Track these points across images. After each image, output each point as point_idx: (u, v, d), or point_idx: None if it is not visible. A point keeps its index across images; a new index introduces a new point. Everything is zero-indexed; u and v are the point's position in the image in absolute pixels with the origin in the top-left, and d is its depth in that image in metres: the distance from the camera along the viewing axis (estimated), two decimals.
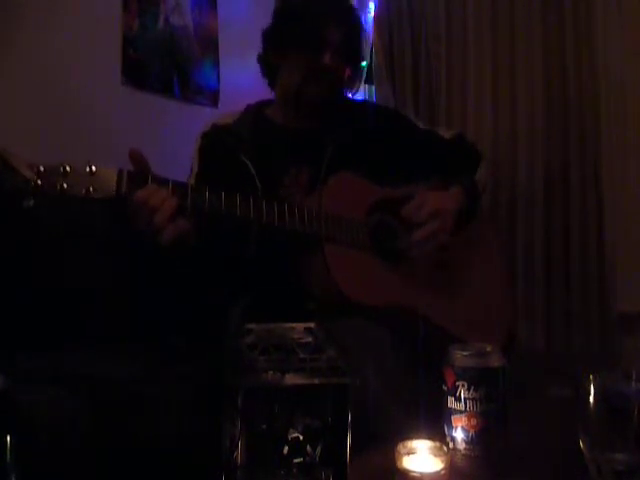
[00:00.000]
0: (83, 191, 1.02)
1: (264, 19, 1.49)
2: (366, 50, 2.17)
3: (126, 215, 1.10)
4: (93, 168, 1.03)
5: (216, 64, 2.17)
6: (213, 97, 2.16)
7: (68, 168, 1.01)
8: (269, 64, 1.49)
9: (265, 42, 1.49)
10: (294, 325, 0.73)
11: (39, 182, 0.98)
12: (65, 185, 1.00)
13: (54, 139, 1.60)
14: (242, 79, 2.17)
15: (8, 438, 0.72)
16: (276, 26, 1.48)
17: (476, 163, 1.55)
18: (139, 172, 1.08)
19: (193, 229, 1.15)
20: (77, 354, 1.19)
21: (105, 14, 1.82)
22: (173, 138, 1.86)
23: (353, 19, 1.50)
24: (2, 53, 1.59)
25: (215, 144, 1.43)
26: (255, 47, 1.50)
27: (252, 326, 0.73)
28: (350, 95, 1.60)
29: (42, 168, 0.99)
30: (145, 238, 1.12)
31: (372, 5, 2.45)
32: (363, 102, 2.00)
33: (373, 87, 2.46)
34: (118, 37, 1.84)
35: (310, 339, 0.72)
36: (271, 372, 0.66)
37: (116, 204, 1.09)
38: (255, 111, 1.50)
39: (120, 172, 1.06)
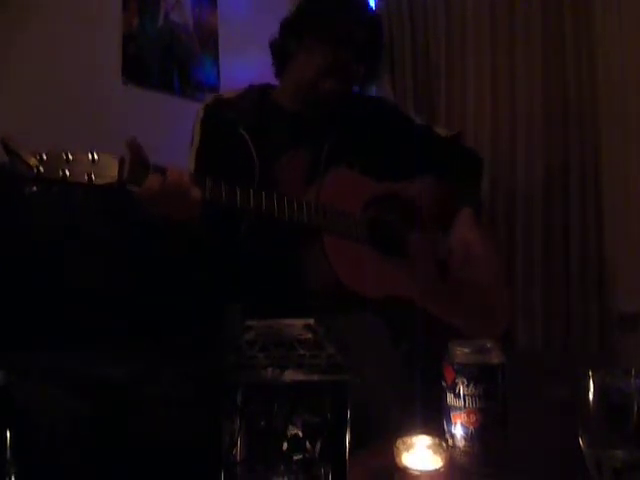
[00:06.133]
0: (85, 178, 1.03)
1: (264, 16, 1.49)
2: None
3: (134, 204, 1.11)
4: (95, 156, 1.05)
5: (216, 61, 2.17)
6: (213, 93, 2.16)
7: (70, 156, 1.02)
8: (282, 52, 1.49)
9: (284, 30, 1.48)
10: (294, 322, 0.73)
11: (41, 169, 0.99)
12: (67, 172, 1.02)
13: (55, 137, 1.59)
14: (242, 75, 2.16)
15: (8, 435, 0.72)
16: (300, 15, 1.47)
17: (476, 167, 1.57)
18: (140, 160, 1.10)
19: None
20: (77, 353, 1.19)
21: (105, 11, 1.83)
22: (173, 134, 1.85)
23: (377, 21, 1.53)
24: (2, 52, 1.59)
25: (216, 116, 1.44)
26: (255, 43, 1.50)
27: (251, 323, 0.73)
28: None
29: (45, 155, 1.00)
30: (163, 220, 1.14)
31: (372, 2, 2.45)
32: (365, 96, 2.01)
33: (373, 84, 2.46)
34: (118, 34, 1.85)
35: (310, 335, 0.72)
36: (270, 369, 0.66)
37: (117, 196, 1.10)
38: (260, 91, 1.51)
39: (122, 159, 1.08)
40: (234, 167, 1.33)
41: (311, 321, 0.72)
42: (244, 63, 2.16)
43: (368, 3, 1.64)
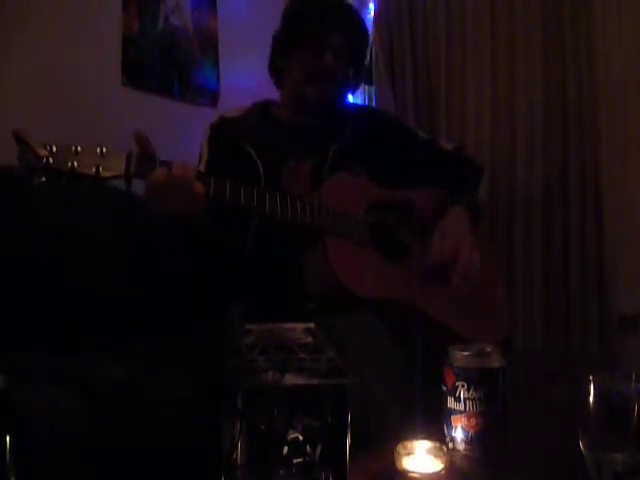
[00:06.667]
0: (93, 170, 1.06)
1: (264, 20, 1.51)
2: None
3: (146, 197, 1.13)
4: (104, 149, 1.07)
5: (216, 65, 2.17)
6: (213, 98, 2.16)
7: (80, 148, 1.05)
8: (276, 66, 1.56)
9: (273, 45, 1.56)
10: (294, 325, 0.73)
11: (51, 160, 1.02)
12: (76, 163, 1.04)
13: (54, 139, 1.60)
14: (242, 80, 2.17)
15: (8, 438, 0.72)
16: (282, 29, 1.54)
17: (477, 176, 1.59)
18: (147, 154, 1.12)
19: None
20: (77, 354, 1.19)
21: (105, 14, 1.82)
22: (173, 138, 1.85)
23: (355, 22, 1.56)
24: (2, 53, 1.58)
25: (223, 134, 1.50)
26: (255, 48, 1.53)
27: (252, 326, 0.73)
28: (351, 97, 1.65)
29: (54, 147, 1.03)
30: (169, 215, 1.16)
31: (372, 5, 2.45)
32: (366, 107, 2.06)
33: (373, 87, 2.46)
34: (118, 37, 1.84)
35: (310, 339, 0.72)
36: (270, 372, 0.66)
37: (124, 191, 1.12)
38: (262, 107, 1.57)
39: (129, 153, 1.11)
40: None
41: (311, 325, 0.72)
42: (244, 68, 2.16)
43: (350, 7, 1.66)
